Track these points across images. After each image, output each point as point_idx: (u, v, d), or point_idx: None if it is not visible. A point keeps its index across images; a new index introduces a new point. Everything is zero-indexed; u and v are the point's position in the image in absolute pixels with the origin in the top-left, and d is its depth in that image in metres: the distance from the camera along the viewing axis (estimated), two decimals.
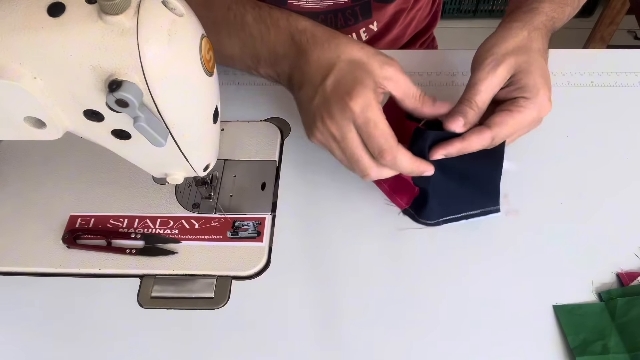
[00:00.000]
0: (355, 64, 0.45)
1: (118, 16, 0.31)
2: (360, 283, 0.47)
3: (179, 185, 0.53)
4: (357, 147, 0.44)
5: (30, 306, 0.46)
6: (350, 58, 0.45)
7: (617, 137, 0.55)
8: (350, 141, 0.44)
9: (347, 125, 0.43)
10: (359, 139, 0.44)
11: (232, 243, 0.49)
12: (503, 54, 0.45)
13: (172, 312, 0.46)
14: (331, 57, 0.45)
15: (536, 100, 0.45)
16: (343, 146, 0.45)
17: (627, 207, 0.50)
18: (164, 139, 0.35)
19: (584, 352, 0.41)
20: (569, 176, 0.53)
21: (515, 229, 0.49)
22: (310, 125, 0.46)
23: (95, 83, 0.32)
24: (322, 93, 0.44)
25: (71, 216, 0.51)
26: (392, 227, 0.50)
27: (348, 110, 0.43)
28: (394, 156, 0.43)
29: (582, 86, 0.60)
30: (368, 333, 0.44)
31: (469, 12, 1.74)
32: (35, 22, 0.31)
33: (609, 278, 0.46)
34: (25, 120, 0.36)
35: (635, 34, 1.63)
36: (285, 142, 0.57)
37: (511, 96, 0.46)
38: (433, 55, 0.64)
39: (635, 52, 0.63)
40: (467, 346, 0.43)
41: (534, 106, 0.45)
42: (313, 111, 0.45)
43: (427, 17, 0.80)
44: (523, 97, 0.45)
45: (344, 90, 0.43)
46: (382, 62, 0.45)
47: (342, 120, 0.43)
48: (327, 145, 0.46)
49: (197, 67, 0.35)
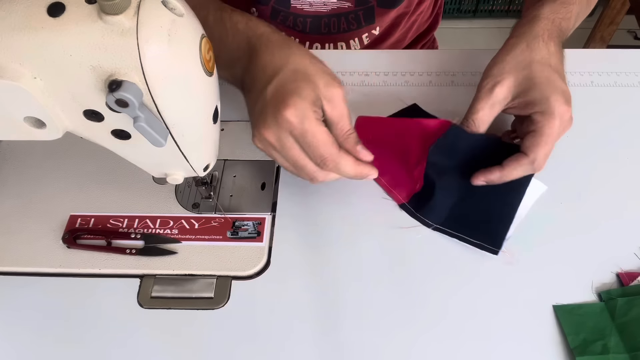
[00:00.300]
0: (299, 73, 0.43)
1: (118, 16, 0.31)
2: (360, 283, 0.47)
3: (179, 185, 0.53)
4: (298, 156, 0.43)
5: (30, 306, 0.46)
6: (296, 68, 0.43)
7: (617, 137, 0.55)
8: (289, 150, 0.43)
9: (285, 136, 0.42)
10: (298, 147, 0.43)
11: (232, 243, 0.49)
12: (500, 74, 0.47)
13: (172, 312, 0.46)
14: (278, 64, 0.44)
15: (549, 111, 0.44)
16: (284, 154, 0.44)
17: (627, 207, 0.50)
18: (164, 139, 0.35)
19: (584, 352, 0.41)
20: (569, 176, 0.53)
21: (514, 228, 0.49)
22: (253, 131, 0.45)
23: (95, 83, 0.32)
24: (263, 99, 0.43)
25: (71, 216, 0.51)
26: (392, 227, 0.50)
27: (283, 121, 0.41)
28: (336, 163, 0.43)
29: (582, 86, 0.60)
30: (368, 333, 0.44)
31: (469, 12, 1.74)
32: (35, 22, 0.31)
33: (609, 278, 0.46)
34: (25, 120, 0.36)
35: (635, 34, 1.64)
36: None
37: (526, 114, 0.46)
38: (433, 55, 0.64)
39: (635, 52, 0.63)
40: (467, 346, 0.43)
41: (551, 117, 0.44)
42: (255, 117, 0.44)
43: (429, 20, 0.80)
44: (536, 112, 0.45)
45: (281, 99, 0.42)
46: (328, 82, 0.43)
47: (278, 130, 0.42)
48: (267, 152, 0.45)
49: (197, 67, 0.35)
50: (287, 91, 0.42)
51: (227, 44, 0.48)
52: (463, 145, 0.48)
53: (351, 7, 0.68)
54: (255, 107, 0.44)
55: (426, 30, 0.81)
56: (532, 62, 0.46)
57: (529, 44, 0.47)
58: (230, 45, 0.48)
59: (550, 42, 0.48)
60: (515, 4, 1.72)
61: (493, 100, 0.46)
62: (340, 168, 0.44)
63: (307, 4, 0.67)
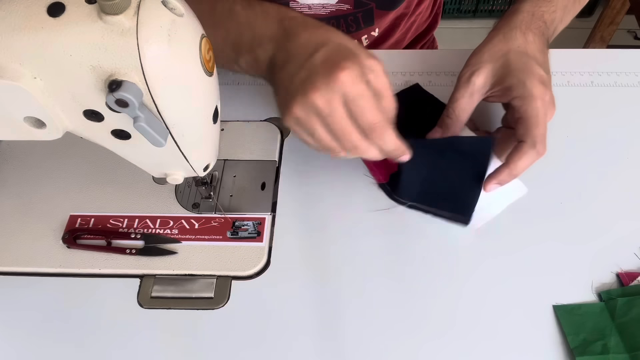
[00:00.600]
0: (343, 47, 0.43)
1: (118, 16, 0.31)
2: (360, 283, 0.47)
3: (179, 185, 0.53)
4: (346, 121, 0.42)
5: (30, 306, 0.46)
6: (340, 42, 0.44)
7: (617, 137, 0.55)
8: (338, 115, 0.41)
9: (336, 98, 0.41)
10: (346, 112, 0.42)
11: (232, 243, 0.49)
12: (477, 63, 0.48)
13: (172, 312, 0.46)
14: (320, 40, 0.44)
15: (527, 93, 0.45)
16: (330, 121, 0.42)
17: (627, 207, 0.50)
18: (164, 139, 0.35)
19: (584, 352, 0.41)
20: (569, 176, 0.53)
21: (515, 229, 0.49)
22: (288, 103, 0.43)
23: (95, 83, 0.32)
24: (309, 67, 0.42)
25: (71, 216, 0.51)
26: (393, 227, 0.50)
27: (338, 82, 0.40)
28: (382, 133, 0.42)
29: (582, 86, 0.60)
30: (368, 333, 0.44)
31: (469, 12, 1.74)
32: (35, 22, 0.31)
33: (609, 278, 0.46)
34: (25, 120, 0.36)
35: (635, 34, 1.63)
36: (285, 142, 0.57)
37: (506, 101, 0.48)
38: (433, 55, 0.64)
39: (635, 52, 0.63)
40: (467, 346, 0.43)
41: (529, 99, 0.45)
42: (295, 86, 0.42)
43: (428, 20, 0.80)
44: (515, 97, 0.46)
45: (333, 64, 0.41)
46: (370, 55, 0.43)
47: (329, 92, 0.41)
48: (307, 122, 0.43)
49: (197, 67, 0.35)
50: (339, 57, 0.42)
51: (255, 26, 0.49)
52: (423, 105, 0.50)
53: (350, 9, 0.68)
54: (297, 76, 0.43)
55: (425, 30, 0.81)
56: (509, 50, 0.48)
57: (505, 35, 0.49)
58: (260, 26, 0.48)
59: (528, 32, 0.49)
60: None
61: (471, 89, 0.48)
62: (385, 138, 0.43)
63: (306, 6, 0.67)
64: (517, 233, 0.49)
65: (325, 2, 0.66)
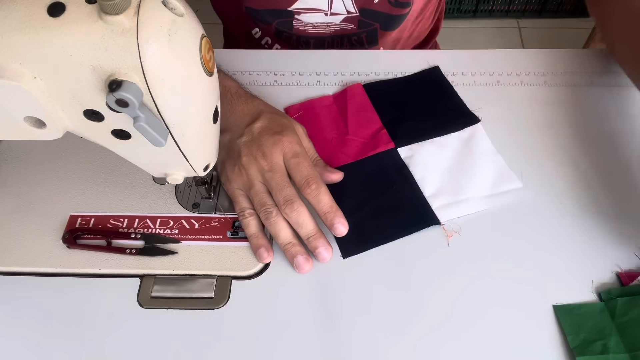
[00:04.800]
0: (275, 116, 0.52)
1: (118, 16, 0.31)
2: (360, 283, 0.47)
3: (179, 185, 0.53)
4: (284, 176, 0.48)
5: (30, 306, 0.46)
6: (272, 111, 0.52)
7: (617, 137, 0.55)
8: (279, 170, 0.47)
9: (278, 156, 0.48)
10: (285, 169, 0.48)
11: (232, 243, 0.49)
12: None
13: (172, 312, 0.46)
14: (255, 109, 0.52)
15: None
16: (269, 176, 0.47)
17: (627, 207, 0.50)
18: (164, 139, 0.35)
19: (584, 352, 0.41)
20: (569, 176, 0.53)
21: (515, 229, 0.49)
22: (232, 160, 0.50)
23: (95, 83, 0.32)
24: (250, 132, 0.50)
25: (71, 216, 0.51)
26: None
27: (279, 143, 0.48)
28: (318, 185, 0.47)
29: (582, 86, 0.60)
30: (368, 333, 0.44)
31: (469, 12, 1.74)
32: (35, 22, 0.31)
33: (609, 278, 0.46)
34: (25, 120, 0.36)
35: None
36: None
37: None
38: (433, 55, 0.64)
39: None
40: (467, 346, 0.43)
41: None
42: (239, 147, 0.49)
43: (430, 26, 0.80)
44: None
45: (275, 130, 0.49)
46: (295, 122, 0.53)
47: (273, 151, 0.48)
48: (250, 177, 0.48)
49: (197, 67, 0.35)
50: (277, 125, 0.50)
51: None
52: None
53: (354, 29, 0.68)
54: (240, 139, 0.50)
55: (426, 38, 0.81)
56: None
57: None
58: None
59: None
60: (515, 4, 1.72)
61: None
62: (320, 193, 0.47)
63: (310, 25, 0.67)
64: (517, 233, 0.49)
65: (330, 21, 0.67)
